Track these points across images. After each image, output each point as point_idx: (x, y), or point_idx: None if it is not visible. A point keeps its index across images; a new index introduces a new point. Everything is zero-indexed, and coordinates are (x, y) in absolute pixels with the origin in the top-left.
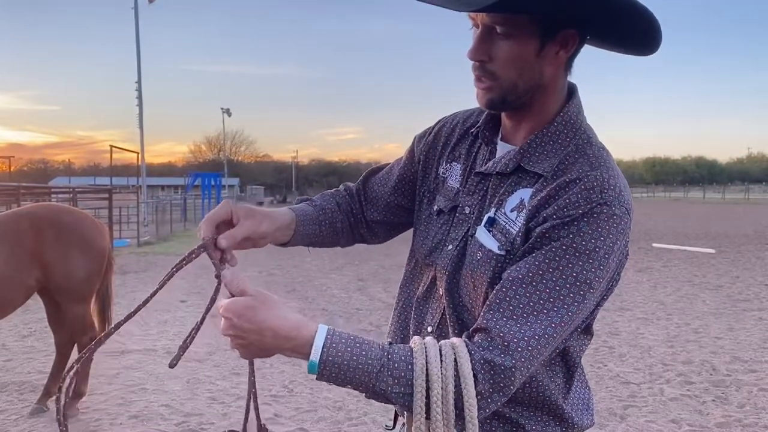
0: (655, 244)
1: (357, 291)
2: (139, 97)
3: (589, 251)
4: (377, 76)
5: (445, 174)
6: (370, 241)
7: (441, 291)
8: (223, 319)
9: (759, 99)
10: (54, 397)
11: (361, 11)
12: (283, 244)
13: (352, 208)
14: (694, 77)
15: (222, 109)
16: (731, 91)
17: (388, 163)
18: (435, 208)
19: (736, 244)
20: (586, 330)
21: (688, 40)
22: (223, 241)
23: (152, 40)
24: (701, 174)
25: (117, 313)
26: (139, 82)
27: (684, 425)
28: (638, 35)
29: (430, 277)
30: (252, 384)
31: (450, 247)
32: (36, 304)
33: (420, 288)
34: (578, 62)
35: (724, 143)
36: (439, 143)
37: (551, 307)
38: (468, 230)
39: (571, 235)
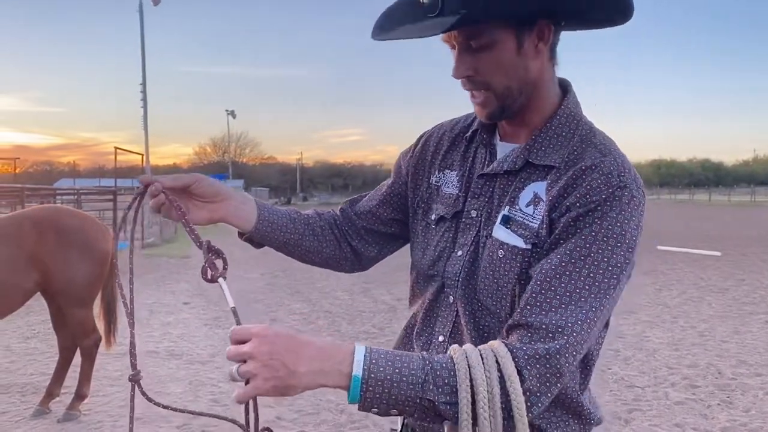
0: (660, 247)
1: (361, 293)
2: (144, 99)
3: (617, 235)
4: (381, 77)
5: (438, 182)
6: (363, 251)
7: (452, 299)
8: (247, 345)
9: (765, 100)
10: (55, 399)
11: (366, 12)
12: (250, 237)
13: (336, 220)
14: (701, 79)
15: (227, 111)
16: (737, 93)
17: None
18: (433, 216)
19: (741, 246)
20: (605, 323)
21: (694, 40)
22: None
23: (157, 42)
24: (707, 176)
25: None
26: (144, 83)
27: (689, 429)
28: (609, 6)
29: (435, 286)
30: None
31: (460, 252)
32: (40, 306)
33: (425, 299)
34: (583, 66)
35: (730, 145)
36: (427, 153)
37: (588, 295)
38: (477, 233)
39: (597, 221)
